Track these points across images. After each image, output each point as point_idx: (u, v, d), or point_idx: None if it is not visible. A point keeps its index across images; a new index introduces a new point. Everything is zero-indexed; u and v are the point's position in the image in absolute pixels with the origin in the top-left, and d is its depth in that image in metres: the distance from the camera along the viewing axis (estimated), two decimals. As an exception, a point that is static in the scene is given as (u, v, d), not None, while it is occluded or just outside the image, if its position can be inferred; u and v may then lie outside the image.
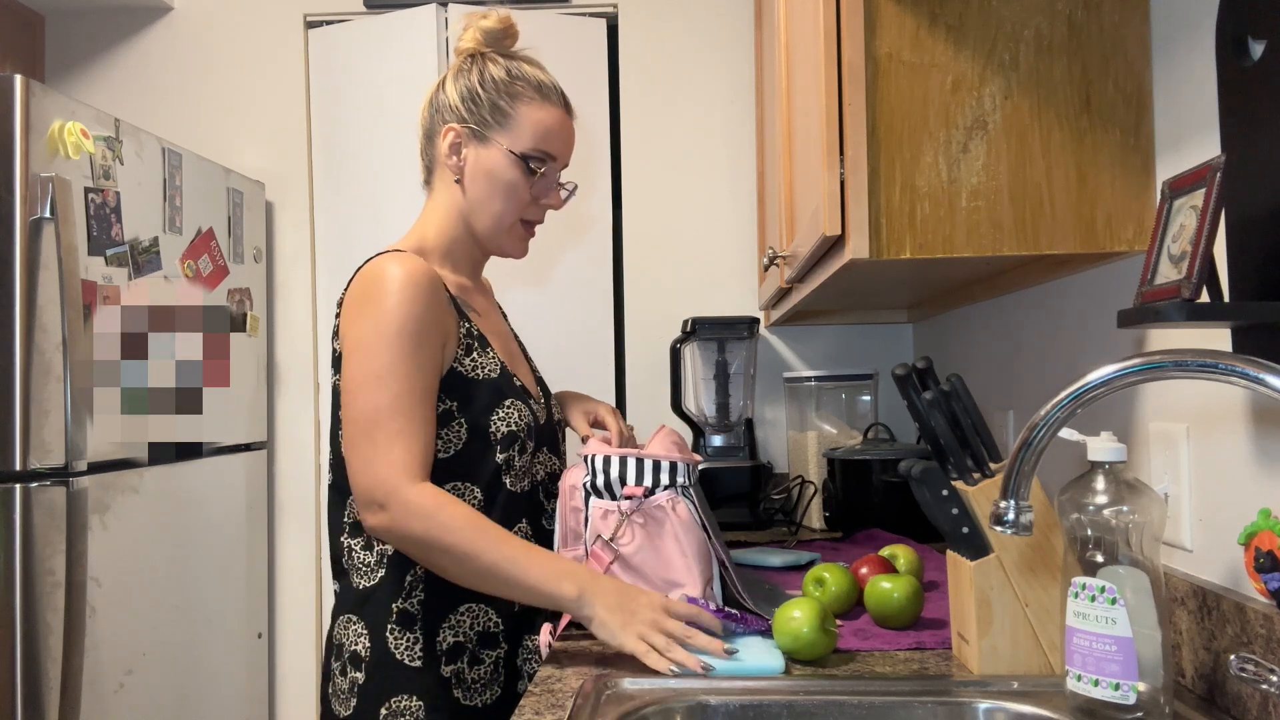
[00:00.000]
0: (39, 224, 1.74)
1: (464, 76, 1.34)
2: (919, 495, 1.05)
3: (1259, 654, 0.85)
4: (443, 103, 1.35)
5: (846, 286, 1.57)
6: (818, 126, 1.21)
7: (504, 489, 1.28)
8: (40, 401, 1.74)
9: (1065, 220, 1.12)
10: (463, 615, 1.25)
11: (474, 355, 1.28)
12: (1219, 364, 0.72)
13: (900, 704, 0.99)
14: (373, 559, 1.26)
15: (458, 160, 1.33)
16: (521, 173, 1.32)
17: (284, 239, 2.64)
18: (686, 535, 1.24)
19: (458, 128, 1.33)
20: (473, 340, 1.29)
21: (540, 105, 1.33)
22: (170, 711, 2.09)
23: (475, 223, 1.35)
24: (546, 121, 1.33)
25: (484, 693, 1.25)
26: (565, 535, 1.28)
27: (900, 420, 2.36)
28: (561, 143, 1.35)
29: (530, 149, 1.32)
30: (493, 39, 1.36)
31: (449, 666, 1.23)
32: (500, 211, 1.33)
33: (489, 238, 1.36)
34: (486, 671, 1.25)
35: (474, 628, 1.25)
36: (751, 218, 2.54)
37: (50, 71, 2.62)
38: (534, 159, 1.32)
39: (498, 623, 1.26)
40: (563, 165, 1.38)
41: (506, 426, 1.27)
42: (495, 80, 1.33)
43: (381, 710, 1.20)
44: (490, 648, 1.26)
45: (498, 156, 1.32)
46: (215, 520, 2.30)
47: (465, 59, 1.36)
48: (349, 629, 1.25)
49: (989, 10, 1.13)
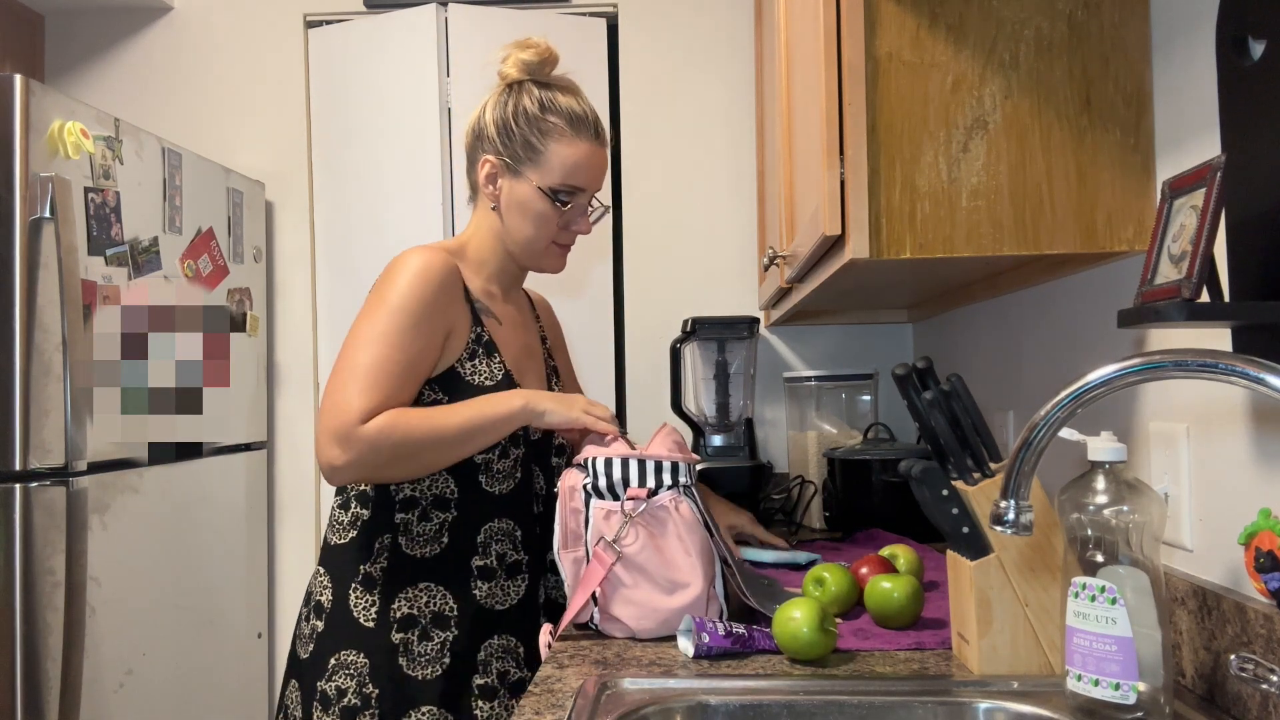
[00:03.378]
0: (39, 224, 1.74)
1: (500, 108, 1.41)
2: (919, 495, 1.05)
3: (1259, 654, 0.85)
4: (481, 130, 1.42)
5: (846, 286, 1.57)
6: (818, 126, 1.21)
7: (479, 488, 1.36)
8: (40, 401, 1.74)
9: (1065, 220, 1.12)
10: (420, 591, 1.32)
11: (476, 360, 1.35)
12: (1219, 364, 0.72)
13: (900, 704, 0.99)
14: (346, 519, 1.36)
15: (494, 190, 1.42)
16: (551, 205, 1.39)
17: (284, 239, 2.64)
18: (690, 534, 1.24)
19: (493, 159, 1.40)
20: (479, 346, 1.36)
21: (571, 141, 1.39)
22: (170, 711, 2.09)
23: (510, 246, 1.43)
24: (575, 157, 1.39)
25: (426, 667, 1.30)
26: (565, 537, 1.28)
27: (900, 420, 2.36)
28: (589, 175, 1.41)
29: (559, 184, 1.39)
30: (531, 70, 1.41)
31: (399, 634, 1.30)
32: (532, 238, 1.41)
33: (524, 259, 1.45)
34: (433, 649, 1.31)
35: (429, 605, 1.32)
36: (751, 218, 2.54)
37: (50, 71, 2.62)
38: (563, 193, 1.40)
39: (453, 608, 1.32)
40: (593, 193, 1.44)
41: None
42: (529, 115, 1.39)
43: (331, 660, 1.31)
44: (441, 629, 1.32)
45: (529, 190, 1.39)
46: (215, 520, 2.30)
47: (504, 89, 1.42)
48: (318, 580, 1.37)
49: (989, 10, 1.13)
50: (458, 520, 1.34)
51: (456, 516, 1.34)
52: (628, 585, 1.23)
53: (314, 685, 1.31)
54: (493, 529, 1.36)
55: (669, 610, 1.22)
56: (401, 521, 1.33)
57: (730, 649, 1.14)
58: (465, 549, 1.34)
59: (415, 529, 1.33)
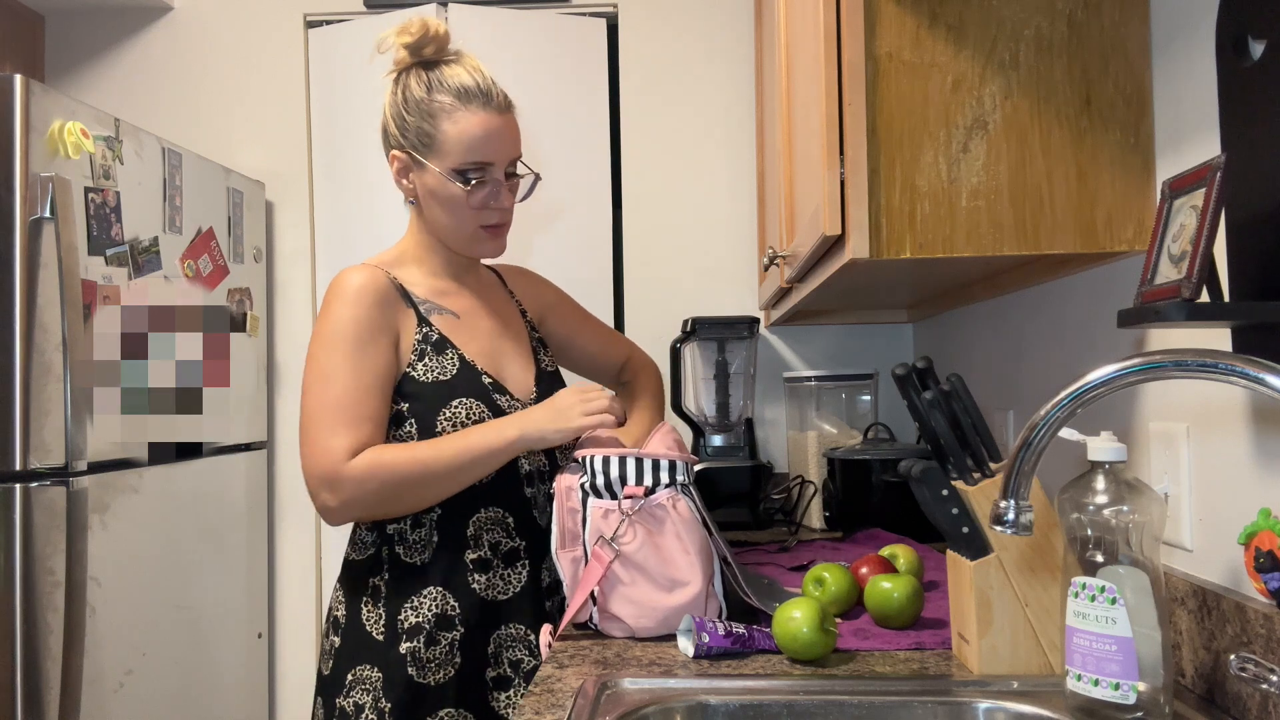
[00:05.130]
0: (39, 224, 1.74)
1: (393, 99, 1.38)
2: (919, 495, 1.05)
3: (1259, 654, 0.85)
4: (384, 127, 1.39)
5: (846, 286, 1.57)
6: (818, 126, 1.21)
7: None
8: (40, 401, 1.74)
9: (1065, 220, 1.12)
10: (423, 597, 1.31)
11: (426, 360, 1.34)
12: (1219, 364, 0.72)
13: (900, 704, 0.99)
14: (358, 535, 1.38)
15: (409, 184, 1.39)
16: (459, 188, 1.34)
17: (284, 239, 2.64)
18: (688, 532, 1.24)
19: (399, 154, 1.38)
20: (427, 345, 1.35)
21: (462, 116, 1.33)
22: (170, 711, 2.09)
23: (440, 236, 1.41)
24: (469, 132, 1.33)
25: (437, 672, 1.29)
26: (563, 536, 1.28)
27: (900, 420, 2.36)
28: (491, 147, 1.34)
29: (460, 164, 1.34)
30: (416, 51, 1.35)
31: (407, 644, 1.29)
32: (453, 226, 1.38)
33: (457, 248, 1.42)
34: (442, 651, 1.30)
35: (432, 610, 1.31)
36: (751, 218, 2.54)
37: (50, 71, 2.62)
38: (468, 172, 1.34)
39: (455, 606, 1.31)
40: (505, 163, 1.37)
41: (452, 425, 1.31)
42: (417, 100, 1.34)
43: (348, 675, 1.30)
44: (446, 630, 1.31)
45: (435, 178, 1.35)
46: (215, 520, 2.30)
47: (394, 79, 1.38)
48: (335, 596, 1.38)
49: (989, 10, 1.13)
50: (444, 517, 1.33)
51: (442, 514, 1.33)
52: (626, 583, 1.23)
53: (334, 702, 1.31)
54: (482, 519, 1.34)
55: (668, 608, 1.22)
56: (395, 531, 1.34)
57: (730, 649, 1.15)
58: (457, 544, 1.33)
59: (410, 536, 1.33)
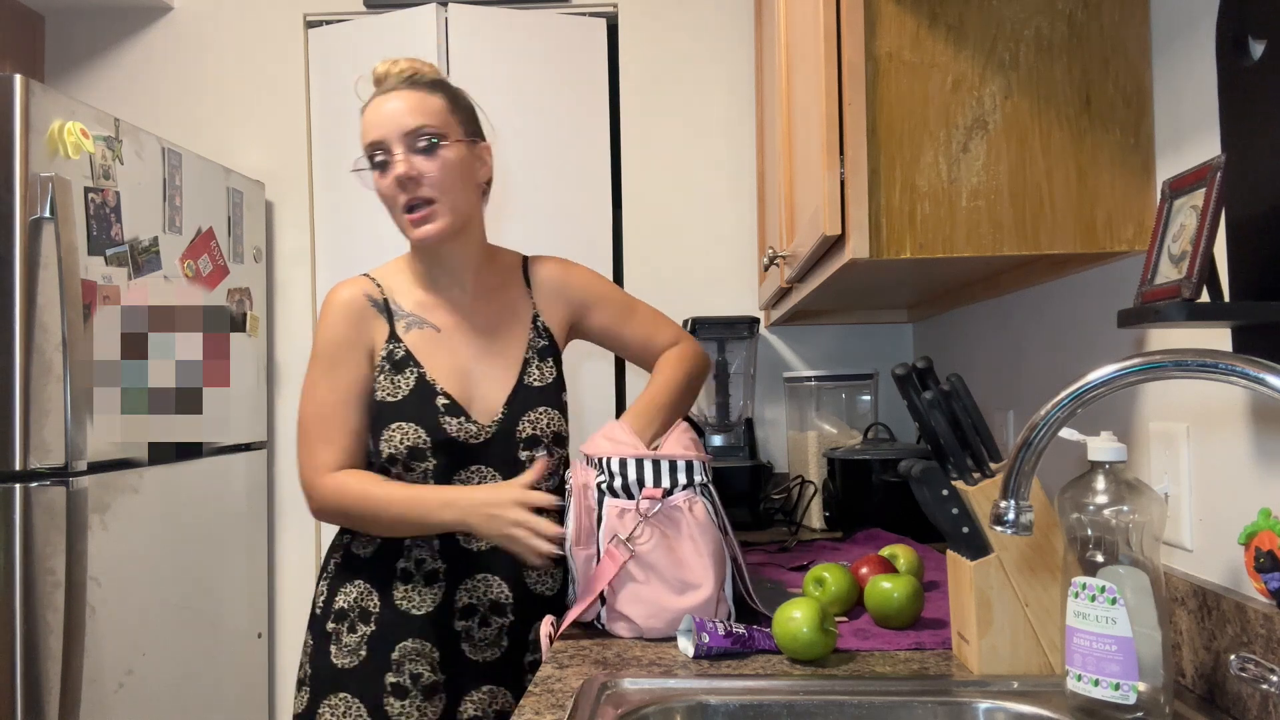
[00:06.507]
0: (39, 224, 1.74)
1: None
2: (919, 495, 1.05)
3: (1259, 654, 0.85)
4: None
5: (846, 286, 1.57)
6: (818, 126, 1.21)
7: None
8: (40, 401, 1.74)
9: (1065, 220, 1.12)
10: (354, 587, 1.40)
11: (383, 378, 1.39)
12: (1219, 364, 0.72)
13: (900, 704, 0.99)
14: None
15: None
16: (372, 174, 1.39)
17: (284, 239, 2.64)
18: (703, 536, 1.24)
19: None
20: (389, 364, 1.40)
21: (368, 105, 1.39)
22: (170, 711, 2.09)
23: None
24: (368, 116, 1.38)
25: (347, 656, 1.38)
26: (579, 534, 1.28)
27: (900, 420, 2.36)
28: (380, 123, 1.36)
29: (365, 149, 1.38)
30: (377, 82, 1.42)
31: (333, 624, 1.40)
32: (391, 217, 1.41)
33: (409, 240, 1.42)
34: (355, 640, 1.38)
35: (359, 601, 1.40)
36: (751, 218, 2.54)
37: (50, 71, 2.62)
38: (372, 156, 1.38)
39: (375, 605, 1.39)
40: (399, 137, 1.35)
41: (388, 448, 1.37)
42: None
43: (306, 640, 1.44)
44: (364, 623, 1.39)
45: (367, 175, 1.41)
46: (215, 520, 2.30)
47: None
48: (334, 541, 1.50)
49: (989, 10, 1.13)
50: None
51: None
52: (639, 581, 1.23)
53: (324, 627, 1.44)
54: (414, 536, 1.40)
55: (678, 610, 1.22)
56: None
57: (730, 649, 1.15)
58: (391, 552, 1.40)
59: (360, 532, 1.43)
